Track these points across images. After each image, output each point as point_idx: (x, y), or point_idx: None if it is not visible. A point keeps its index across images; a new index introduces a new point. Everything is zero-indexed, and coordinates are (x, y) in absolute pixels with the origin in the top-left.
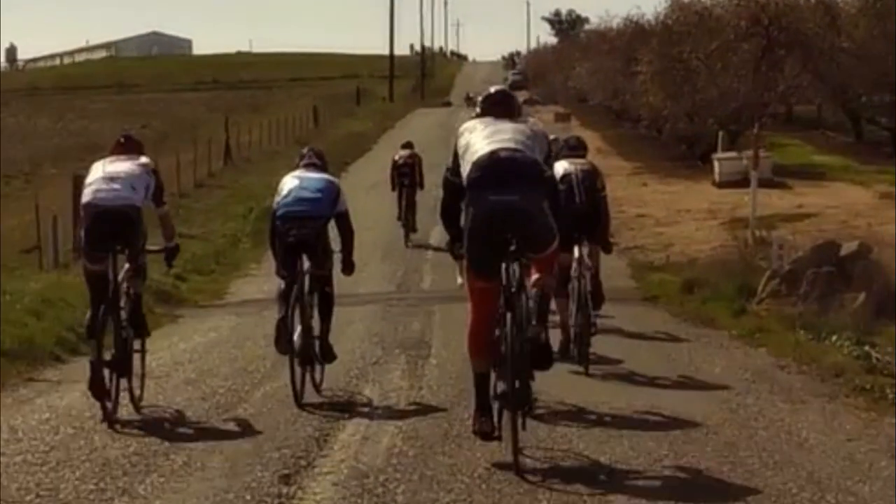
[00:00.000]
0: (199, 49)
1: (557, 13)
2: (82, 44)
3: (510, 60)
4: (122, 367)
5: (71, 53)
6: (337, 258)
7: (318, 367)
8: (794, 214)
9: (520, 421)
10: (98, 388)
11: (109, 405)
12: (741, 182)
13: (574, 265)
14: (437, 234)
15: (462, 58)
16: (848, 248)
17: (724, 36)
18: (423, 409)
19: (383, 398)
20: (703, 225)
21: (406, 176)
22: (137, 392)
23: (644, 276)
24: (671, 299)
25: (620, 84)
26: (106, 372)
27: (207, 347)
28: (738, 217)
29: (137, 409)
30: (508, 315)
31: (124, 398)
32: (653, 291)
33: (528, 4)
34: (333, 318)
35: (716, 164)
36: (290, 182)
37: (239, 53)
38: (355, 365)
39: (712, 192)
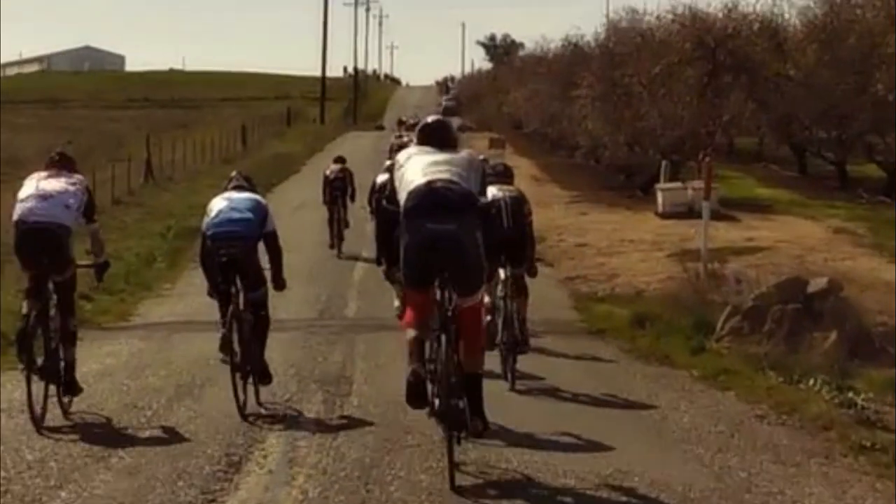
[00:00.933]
0: (132, 65)
1: (492, 38)
2: (16, 56)
3: (444, 85)
4: (51, 373)
5: (2, 67)
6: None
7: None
8: (746, 248)
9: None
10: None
11: (38, 411)
12: (685, 213)
13: (500, 286)
14: (369, 249)
15: (396, 81)
16: (816, 284)
17: (667, 59)
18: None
19: (289, 448)
20: (649, 256)
21: (338, 189)
22: (66, 399)
23: (588, 308)
24: (620, 333)
25: (557, 109)
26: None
27: (99, 376)
28: (686, 249)
29: (66, 415)
30: (443, 336)
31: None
32: (599, 324)
33: (462, 27)
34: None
35: (659, 194)
36: (219, 203)
37: (171, 71)
38: (264, 402)
39: (655, 222)
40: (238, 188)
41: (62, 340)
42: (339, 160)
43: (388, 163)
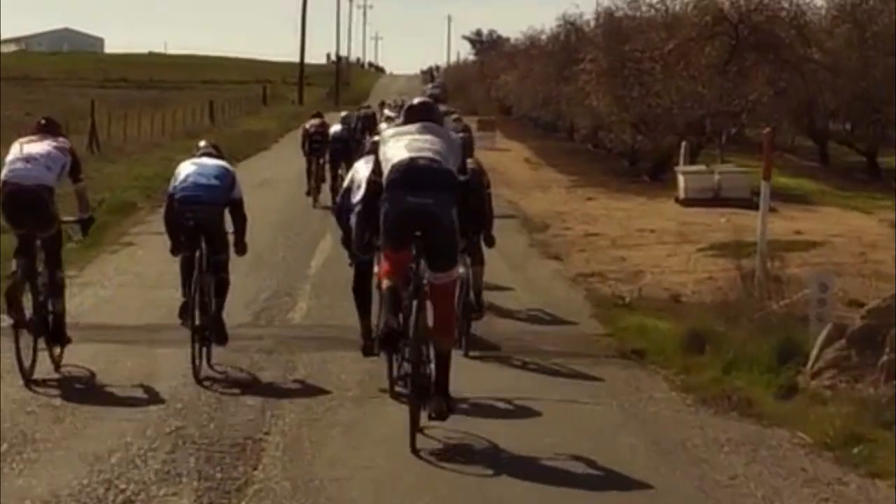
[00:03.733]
0: (112, 48)
1: (478, 33)
2: None
3: (429, 74)
4: (39, 328)
5: None
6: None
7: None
8: (796, 242)
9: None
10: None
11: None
12: (710, 201)
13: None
14: None
15: (380, 70)
16: None
17: (684, 34)
18: None
19: None
20: (677, 250)
21: (317, 143)
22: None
23: (613, 317)
24: (667, 358)
25: (553, 90)
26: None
27: None
28: (722, 242)
29: (57, 368)
30: (414, 302)
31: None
32: (633, 342)
33: (448, 20)
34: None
35: (680, 178)
36: (187, 167)
37: (151, 54)
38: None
39: (676, 210)
40: (206, 155)
41: (51, 292)
42: (318, 115)
43: (374, 138)
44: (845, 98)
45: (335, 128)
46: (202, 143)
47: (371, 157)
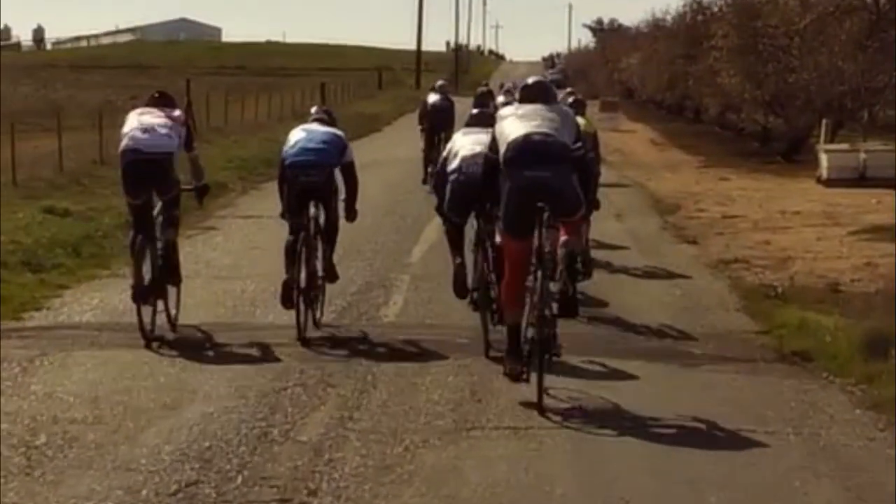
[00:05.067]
0: (230, 38)
1: (599, 21)
2: (111, 28)
3: (550, 60)
4: (155, 291)
5: (97, 36)
6: None
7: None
8: None
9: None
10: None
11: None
12: (856, 181)
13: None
14: None
15: (500, 57)
16: None
17: (821, 8)
18: None
19: None
20: (826, 233)
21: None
22: (174, 312)
23: (765, 311)
24: (840, 364)
25: (679, 70)
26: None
27: None
28: (877, 224)
29: (174, 327)
30: (539, 272)
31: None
32: (794, 343)
33: (569, 7)
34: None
35: (823, 157)
36: (297, 134)
37: (269, 43)
38: None
39: (818, 190)
40: (318, 121)
41: (165, 244)
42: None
43: (474, 111)
44: None
45: (433, 97)
46: (314, 109)
47: (471, 129)
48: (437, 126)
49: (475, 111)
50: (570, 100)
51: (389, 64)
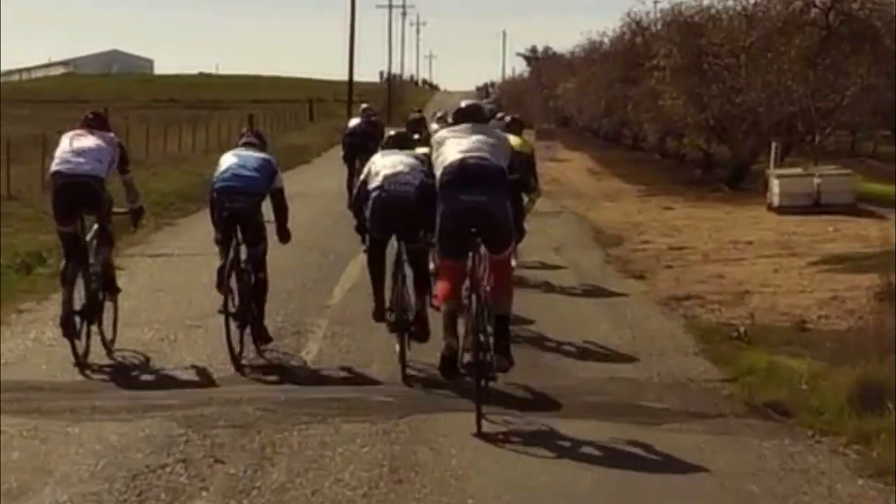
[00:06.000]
0: (162, 70)
1: (533, 49)
2: (44, 61)
3: (484, 90)
4: (91, 315)
5: (29, 69)
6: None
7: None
8: None
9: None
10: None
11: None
12: (810, 208)
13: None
14: None
15: (434, 87)
16: None
17: (766, 24)
18: None
19: None
20: (783, 264)
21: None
22: (109, 336)
23: (728, 354)
24: (826, 419)
25: (618, 95)
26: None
27: None
28: (837, 254)
29: (109, 352)
30: (474, 296)
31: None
32: (766, 391)
33: (503, 35)
34: None
35: (774, 182)
36: (229, 159)
37: (201, 74)
38: None
39: (770, 218)
40: (248, 145)
41: (102, 262)
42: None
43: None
44: None
45: (353, 121)
46: (244, 130)
47: (389, 151)
48: (357, 149)
49: (392, 133)
50: (508, 118)
51: (322, 95)
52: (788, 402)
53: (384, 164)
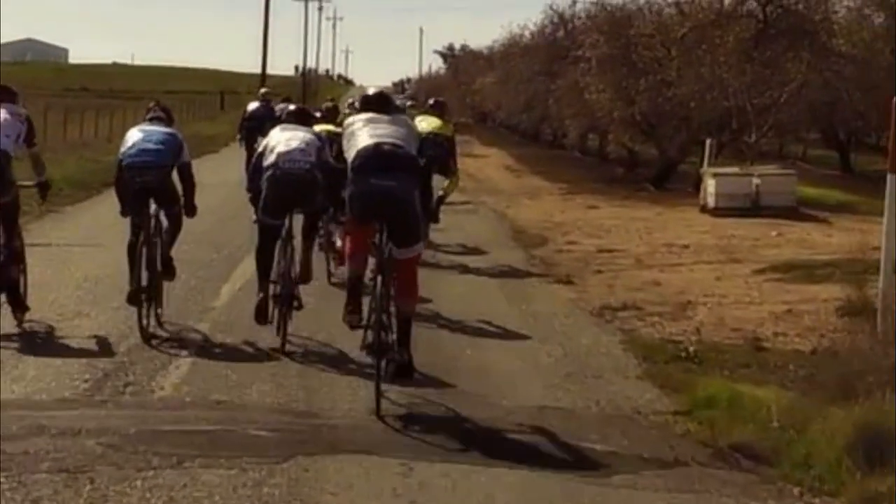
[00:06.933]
0: (76, 59)
1: (450, 47)
2: None
3: (400, 86)
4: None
5: None
6: None
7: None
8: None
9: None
10: None
11: None
12: (748, 210)
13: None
14: None
15: (349, 82)
16: None
17: (702, 16)
18: None
19: None
20: (725, 272)
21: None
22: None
23: (677, 379)
24: (815, 473)
25: (540, 89)
26: None
27: None
28: (785, 261)
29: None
30: (379, 278)
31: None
32: (731, 431)
33: (420, 32)
34: None
35: (710, 182)
36: (134, 135)
37: (115, 64)
38: None
39: (704, 220)
40: (155, 119)
41: (6, 259)
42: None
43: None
44: (875, 100)
45: (252, 105)
46: (151, 104)
47: (288, 126)
48: (255, 132)
49: (292, 107)
50: (431, 101)
51: (236, 88)
52: (761, 446)
53: (280, 139)
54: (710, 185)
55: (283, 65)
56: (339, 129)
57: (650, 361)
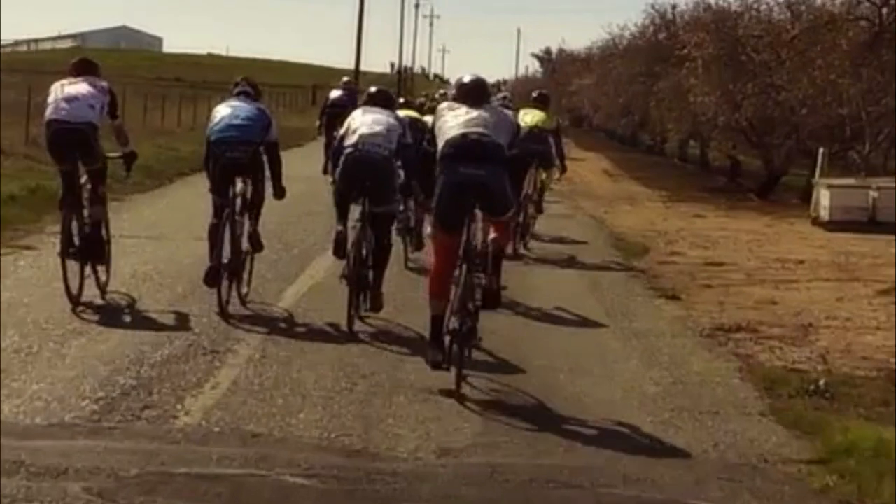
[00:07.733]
0: (170, 48)
1: (548, 51)
2: (53, 33)
3: (496, 86)
4: (86, 254)
5: (38, 41)
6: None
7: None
8: None
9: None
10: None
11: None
12: (865, 225)
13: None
14: None
15: (444, 81)
16: None
17: (814, 17)
18: None
19: None
20: (846, 291)
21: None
22: (103, 278)
23: (807, 419)
24: None
25: (640, 91)
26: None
27: None
28: None
29: (103, 294)
30: (464, 265)
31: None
32: (881, 490)
33: (518, 33)
34: None
35: (823, 194)
36: (222, 110)
37: (210, 55)
38: None
39: (818, 235)
40: (243, 94)
41: (94, 223)
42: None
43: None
44: None
45: (335, 93)
46: (238, 79)
47: (370, 108)
48: (335, 118)
49: (373, 89)
50: (535, 94)
51: (328, 82)
52: None
53: (364, 121)
54: (823, 197)
55: (378, 61)
56: (419, 116)
57: (773, 395)
